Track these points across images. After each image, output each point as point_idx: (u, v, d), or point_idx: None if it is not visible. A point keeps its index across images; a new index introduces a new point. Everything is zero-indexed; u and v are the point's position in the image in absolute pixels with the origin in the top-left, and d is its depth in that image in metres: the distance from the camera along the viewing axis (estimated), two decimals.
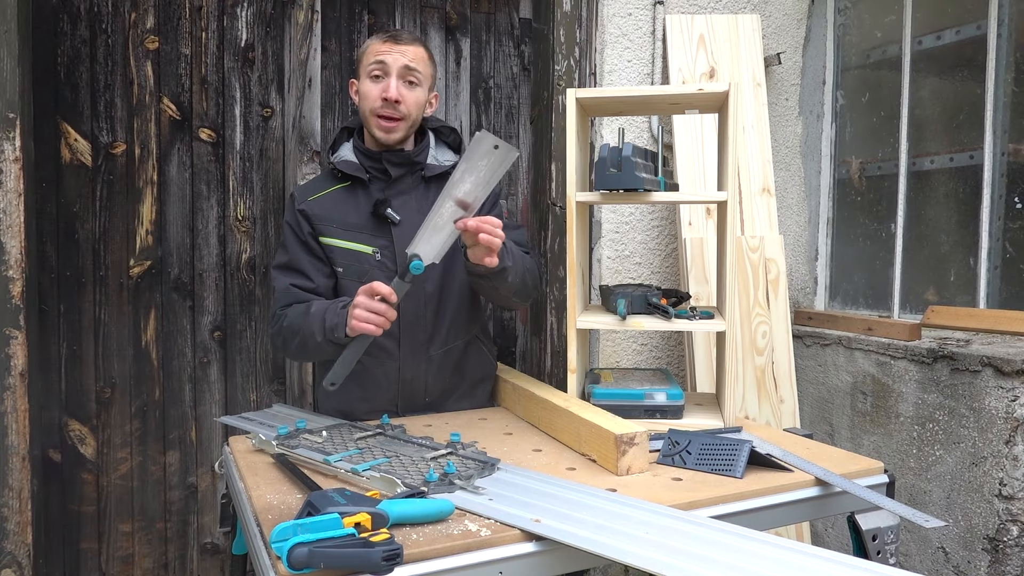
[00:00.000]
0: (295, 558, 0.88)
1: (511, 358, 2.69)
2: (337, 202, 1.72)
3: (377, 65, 1.67)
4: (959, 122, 2.14)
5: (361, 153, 1.74)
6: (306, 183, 1.82)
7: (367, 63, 1.70)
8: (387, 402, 1.74)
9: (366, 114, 1.71)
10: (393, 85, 1.66)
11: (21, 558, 1.96)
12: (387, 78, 1.67)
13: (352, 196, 1.73)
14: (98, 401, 2.24)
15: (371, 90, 1.68)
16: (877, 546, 1.28)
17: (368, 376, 1.71)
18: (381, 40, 1.70)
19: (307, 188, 1.78)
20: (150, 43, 2.25)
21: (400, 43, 1.69)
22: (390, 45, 1.69)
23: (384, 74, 1.68)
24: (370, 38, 1.76)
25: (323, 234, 1.71)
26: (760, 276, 2.28)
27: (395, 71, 1.67)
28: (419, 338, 1.72)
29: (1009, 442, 1.74)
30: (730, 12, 2.43)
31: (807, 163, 2.58)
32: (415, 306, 1.71)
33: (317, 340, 1.56)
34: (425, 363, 1.74)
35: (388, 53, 1.68)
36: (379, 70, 1.68)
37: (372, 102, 1.68)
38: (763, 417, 2.23)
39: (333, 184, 1.75)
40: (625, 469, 1.29)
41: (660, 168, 1.71)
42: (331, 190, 1.74)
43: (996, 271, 2.03)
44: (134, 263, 2.26)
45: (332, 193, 1.73)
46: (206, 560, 2.37)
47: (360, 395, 1.72)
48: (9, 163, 1.90)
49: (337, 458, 1.28)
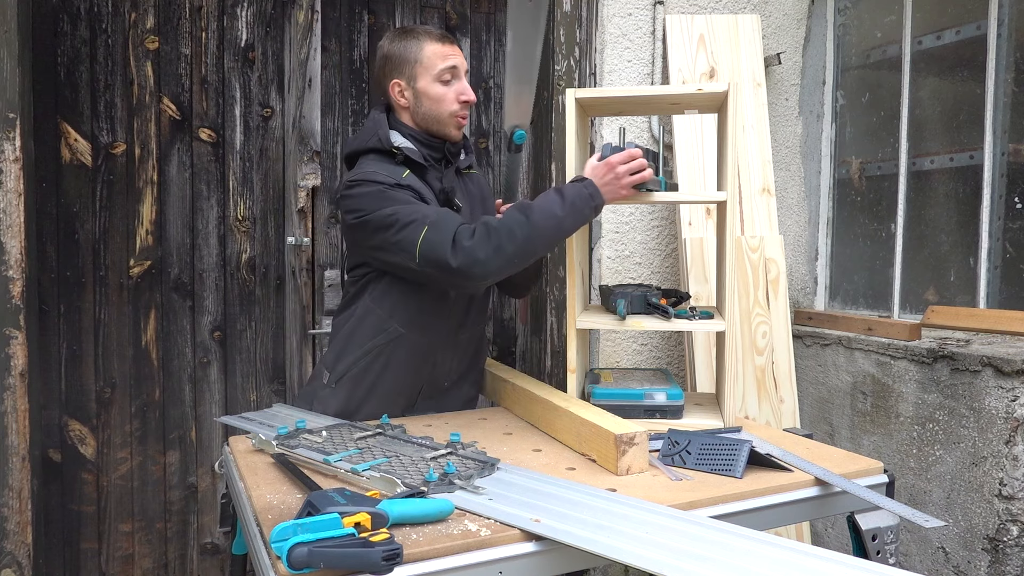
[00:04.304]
0: (295, 558, 0.88)
1: (511, 358, 2.69)
2: (419, 185, 1.71)
3: (449, 70, 1.71)
4: (959, 122, 2.13)
5: (419, 142, 1.75)
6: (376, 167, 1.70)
7: (433, 66, 1.70)
8: (414, 384, 1.76)
9: (442, 116, 1.72)
10: (468, 87, 1.74)
11: (21, 558, 1.96)
12: (458, 81, 1.73)
13: (421, 182, 1.73)
14: (98, 401, 2.24)
15: (446, 93, 1.71)
16: (877, 546, 1.28)
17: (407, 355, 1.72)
18: (440, 42, 1.72)
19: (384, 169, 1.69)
20: (150, 43, 2.25)
21: (455, 44, 1.75)
22: (451, 47, 1.73)
23: (455, 77, 1.72)
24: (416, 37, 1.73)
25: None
26: (760, 276, 2.28)
27: (463, 73, 1.74)
28: (451, 323, 1.76)
29: (1009, 442, 1.74)
30: (730, 12, 2.43)
31: (807, 163, 2.58)
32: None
33: (560, 216, 1.55)
34: (453, 347, 1.78)
35: (453, 56, 1.72)
36: (450, 74, 1.72)
37: (450, 104, 1.72)
38: (763, 417, 2.23)
39: (402, 169, 1.72)
40: (625, 469, 1.28)
41: (660, 168, 1.71)
42: (408, 173, 1.71)
43: (996, 271, 2.03)
44: (134, 263, 2.26)
45: (411, 176, 1.71)
46: (206, 560, 2.37)
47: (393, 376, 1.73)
48: (9, 163, 1.90)
49: (337, 458, 1.28)
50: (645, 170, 1.56)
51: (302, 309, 2.34)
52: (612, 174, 1.56)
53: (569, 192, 1.57)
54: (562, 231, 1.58)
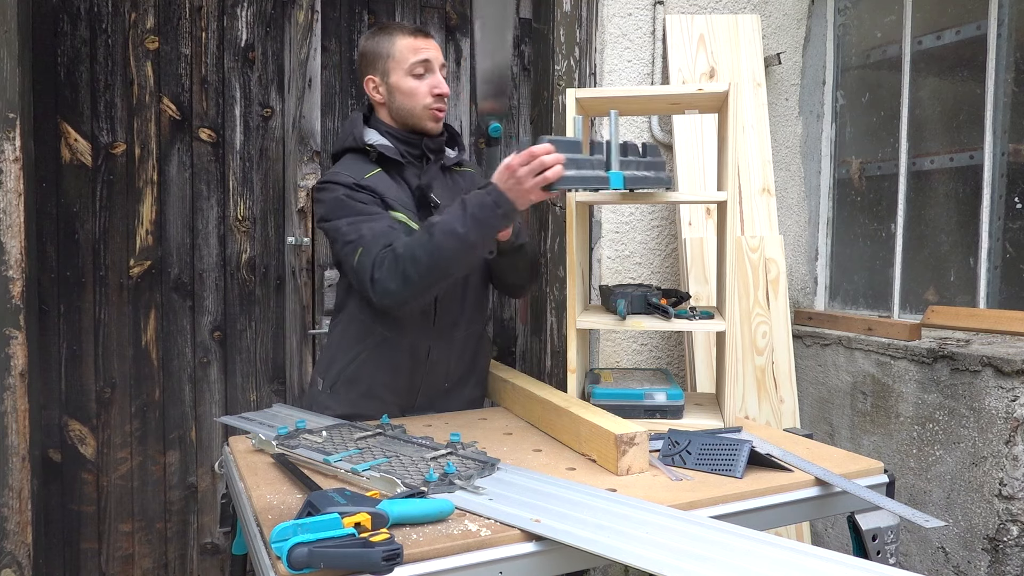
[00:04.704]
0: (295, 558, 0.88)
1: (511, 358, 2.69)
2: (383, 183, 1.70)
3: (421, 63, 1.71)
4: (959, 122, 2.13)
5: (396, 138, 1.74)
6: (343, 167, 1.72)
7: (406, 60, 1.70)
8: (410, 386, 1.75)
9: (414, 109, 1.72)
10: (441, 80, 1.73)
11: (21, 558, 1.96)
12: (432, 74, 1.73)
13: (393, 180, 1.72)
14: (98, 401, 2.24)
15: (419, 87, 1.71)
16: (877, 546, 1.28)
17: (397, 357, 1.72)
18: (412, 35, 1.72)
19: (352, 170, 1.70)
20: (150, 43, 2.25)
21: (430, 38, 1.75)
22: (424, 40, 1.73)
23: (427, 71, 1.72)
24: (389, 32, 1.73)
25: (390, 208, 1.68)
26: (760, 276, 2.28)
27: (437, 66, 1.73)
28: (448, 320, 1.75)
29: (1009, 442, 1.74)
30: (730, 12, 2.43)
31: (807, 163, 2.58)
32: (451, 289, 1.72)
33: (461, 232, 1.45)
34: (449, 347, 1.77)
35: (427, 49, 1.72)
36: (423, 67, 1.71)
37: (423, 98, 1.71)
38: (763, 417, 2.23)
39: (371, 167, 1.72)
40: (625, 469, 1.28)
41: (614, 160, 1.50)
42: (376, 172, 1.71)
43: (996, 271, 2.03)
44: (134, 263, 2.26)
45: (378, 175, 1.71)
46: (206, 560, 2.37)
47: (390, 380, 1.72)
48: (9, 163, 1.90)
49: (337, 458, 1.28)
50: (552, 168, 1.40)
51: (302, 309, 2.35)
52: (513, 178, 1.44)
53: (471, 203, 1.48)
54: (469, 246, 1.49)
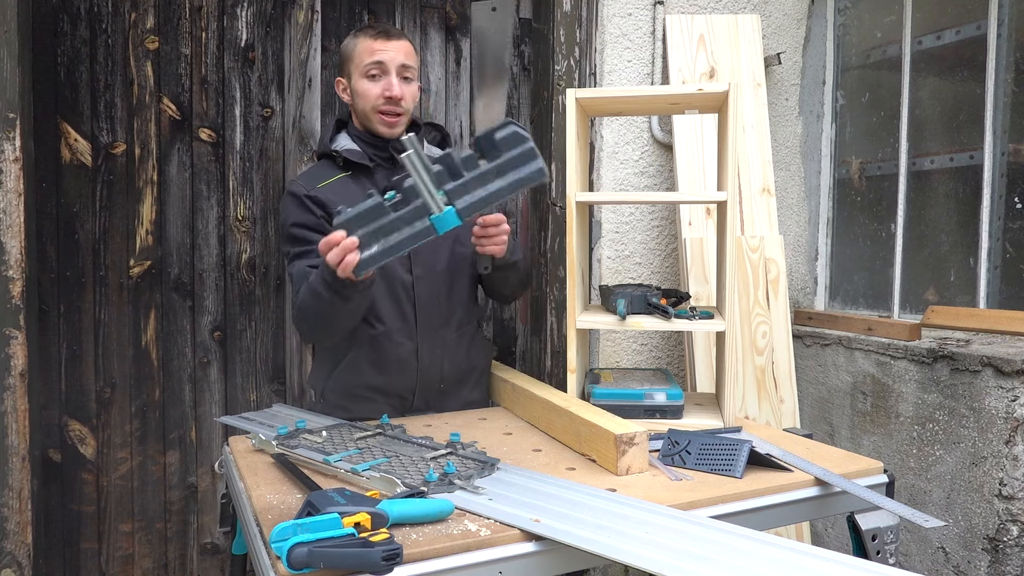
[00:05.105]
0: (295, 558, 0.88)
1: (511, 358, 2.69)
2: (345, 189, 1.71)
3: (374, 65, 1.70)
4: (959, 122, 2.13)
5: (364, 142, 1.76)
6: (304, 174, 1.79)
7: (362, 62, 1.71)
8: (404, 389, 1.75)
9: (366, 111, 1.73)
10: (395, 83, 1.70)
11: (21, 558, 1.96)
12: (386, 76, 1.71)
13: (357, 184, 1.73)
14: (98, 401, 2.24)
15: (371, 89, 1.71)
16: (877, 546, 1.28)
17: (387, 362, 1.72)
18: (373, 38, 1.71)
19: (310, 177, 1.76)
20: (150, 43, 2.25)
21: (392, 39, 1.72)
22: (383, 42, 1.71)
23: (382, 73, 1.71)
24: (357, 34, 1.75)
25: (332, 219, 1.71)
26: (760, 276, 2.28)
27: (393, 69, 1.71)
28: (435, 321, 1.75)
29: (1009, 442, 1.74)
30: (730, 12, 2.43)
31: (807, 163, 2.58)
32: (430, 287, 1.74)
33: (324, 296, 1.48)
34: (441, 347, 1.76)
35: (384, 51, 1.70)
36: (377, 69, 1.70)
37: (373, 100, 1.71)
38: (763, 417, 2.23)
39: (336, 173, 1.75)
40: (625, 469, 1.29)
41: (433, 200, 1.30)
42: (337, 178, 1.74)
43: (996, 271, 2.03)
44: (134, 263, 2.26)
45: (338, 181, 1.73)
46: (206, 560, 2.37)
47: (379, 383, 1.73)
48: (9, 163, 1.90)
49: (337, 458, 1.28)
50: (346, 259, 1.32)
51: None
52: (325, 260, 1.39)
53: (317, 272, 1.48)
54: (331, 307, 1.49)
